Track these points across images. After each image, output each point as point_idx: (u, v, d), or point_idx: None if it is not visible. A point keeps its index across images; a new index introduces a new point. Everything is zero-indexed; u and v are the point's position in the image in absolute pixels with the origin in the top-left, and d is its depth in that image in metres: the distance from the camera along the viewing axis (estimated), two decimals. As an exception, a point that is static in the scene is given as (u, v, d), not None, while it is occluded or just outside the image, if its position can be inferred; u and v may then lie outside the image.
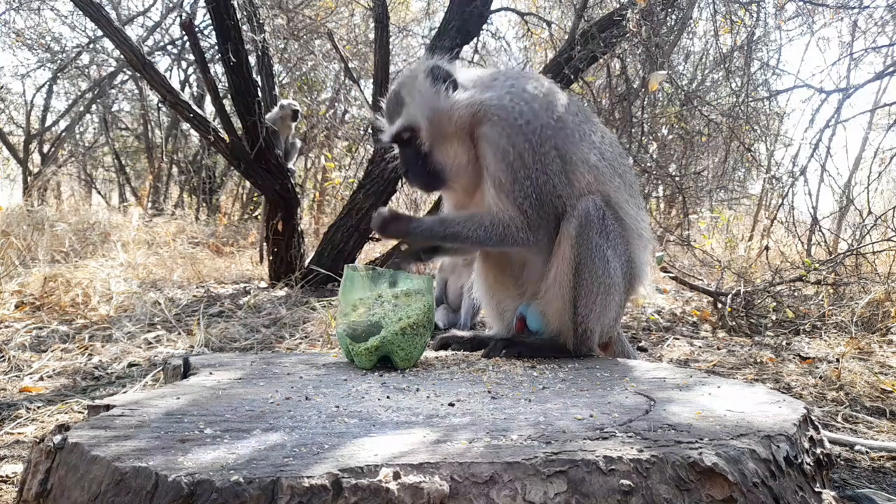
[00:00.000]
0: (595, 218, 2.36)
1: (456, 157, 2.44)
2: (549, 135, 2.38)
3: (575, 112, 2.55)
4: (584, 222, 2.35)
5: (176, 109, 6.29)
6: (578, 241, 2.35)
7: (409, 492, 1.18)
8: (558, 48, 6.58)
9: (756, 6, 6.27)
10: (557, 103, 2.49)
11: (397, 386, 1.93)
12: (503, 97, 2.39)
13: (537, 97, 2.44)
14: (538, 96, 2.44)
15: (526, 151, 2.33)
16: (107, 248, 7.29)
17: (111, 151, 13.52)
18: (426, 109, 2.39)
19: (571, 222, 2.37)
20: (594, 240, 2.36)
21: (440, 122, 2.40)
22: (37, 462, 1.35)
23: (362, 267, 2.33)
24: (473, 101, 2.38)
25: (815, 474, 1.54)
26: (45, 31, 11.55)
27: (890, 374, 3.69)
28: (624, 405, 1.71)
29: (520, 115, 2.36)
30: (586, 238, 2.35)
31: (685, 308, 5.82)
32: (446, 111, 2.39)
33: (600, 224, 2.37)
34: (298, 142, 7.99)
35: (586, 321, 2.41)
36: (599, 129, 2.62)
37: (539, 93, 2.46)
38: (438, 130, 2.41)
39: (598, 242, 2.37)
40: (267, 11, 7.62)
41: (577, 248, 2.35)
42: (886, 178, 9.67)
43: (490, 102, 2.37)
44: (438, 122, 2.40)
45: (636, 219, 2.55)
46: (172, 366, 2.18)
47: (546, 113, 2.41)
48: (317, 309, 4.93)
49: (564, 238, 2.39)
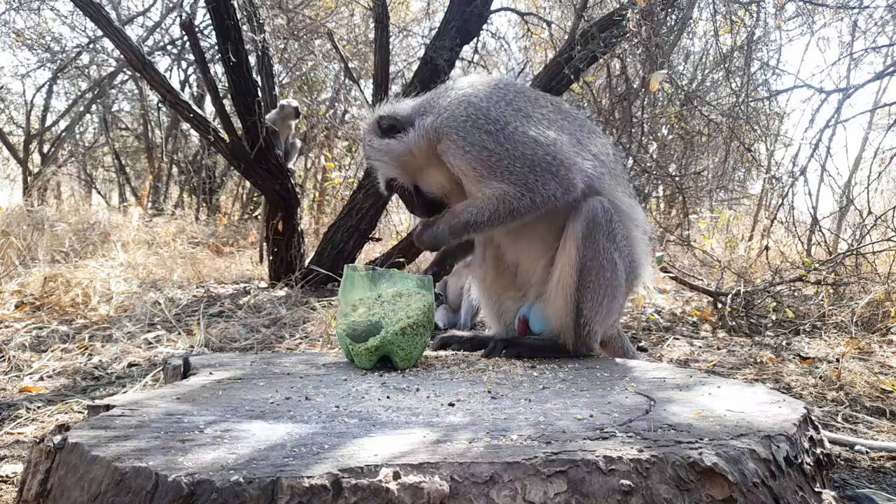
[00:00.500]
0: (603, 220, 2.36)
1: (437, 181, 2.58)
2: (505, 118, 2.40)
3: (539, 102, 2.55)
4: (591, 224, 2.35)
5: (176, 109, 6.30)
6: (585, 243, 2.35)
7: (409, 492, 1.18)
8: (558, 48, 6.58)
9: (756, 6, 6.27)
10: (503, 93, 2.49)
11: (397, 386, 1.93)
12: (442, 111, 2.46)
13: (476, 94, 2.47)
14: (477, 94, 2.48)
15: (486, 140, 2.37)
16: (107, 248, 7.29)
17: (111, 151, 13.52)
18: (391, 160, 2.56)
19: (578, 223, 2.36)
20: (601, 243, 2.36)
21: (407, 162, 2.55)
22: (37, 462, 1.35)
23: (362, 267, 2.33)
24: (421, 130, 2.49)
25: (815, 474, 1.54)
26: (45, 31, 11.55)
27: (890, 374, 3.69)
28: (624, 405, 1.71)
29: (466, 118, 2.40)
30: (593, 241, 2.35)
31: (685, 308, 5.82)
32: (406, 152, 2.52)
33: (608, 227, 2.37)
34: (298, 142, 7.99)
35: (591, 323, 2.41)
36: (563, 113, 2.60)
37: (477, 91, 2.50)
38: (411, 169, 2.57)
39: (606, 245, 2.36)
40: (267, 11, 7.62)
41: (584, 250, 2.35)
42: (886, 178, 9.67)
43: (435, 123, 2.45)
44: (406, 163, 2.56)
45: (631, 206, 2.56)
46: (172, 366, 2.18)
47: (490, 102, 2.44)
48: (317, 309, 4.93)
49: (570, 239, 2.38)
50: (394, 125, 2.54)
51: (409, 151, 2.51)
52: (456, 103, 2.46)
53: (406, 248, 6.09)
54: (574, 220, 2.39)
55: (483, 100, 2.45)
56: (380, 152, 2.57)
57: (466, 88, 2.52)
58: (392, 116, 2.56)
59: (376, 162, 2.63)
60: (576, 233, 2.37)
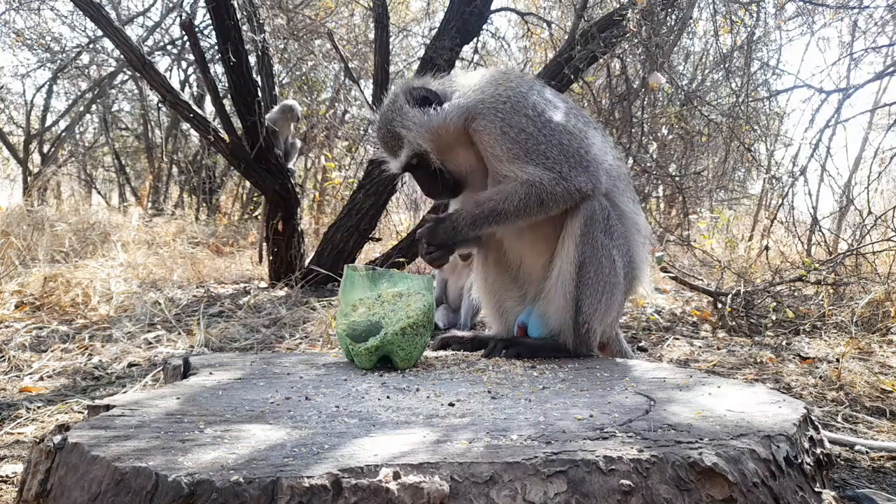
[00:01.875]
0: (600, 217, 2.37)
1: (465, 160, 2.50)
2: (542, 105, 2.43)
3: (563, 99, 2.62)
4: (588, 221, 2.36)
5: (176, 109, 6.30)
6: (583, 240, 2.36)
7: (409, 492, 1.18)
8: (558, 48, 6.58)
9: (756, 6, 6.27)
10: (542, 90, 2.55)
11: (397, 386, 1.93)
12: (478, 91, 2.45)
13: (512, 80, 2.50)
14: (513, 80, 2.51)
15: (525, 123, 2.37)
16: (107, 248, 7.29)
17: (111, 151, 13.51)
18: (425, 132, 2.43)
19: (576, 220, 2.38)
20: (599, 239, 2.36)
21: (440, 137, 2.44)
22: (37, 462, 1.35)
23: (362, 267, 2.33)
24: (461, 105, 2.43)
25: (815, 474, 1.54)
26: (45, 31, 11.55)
27: (890, 374, 3.69)
28: (624, 405, 1.71)
29: (507, 100, 2.40)
30: (591, 237, 2.36)
31: (685, 308, 5.82)
32: (442, 125, 2.43)
33: (605, 223, 2.38)
34: (298, 142, 7.99)
35: (590, 321, 2.41)
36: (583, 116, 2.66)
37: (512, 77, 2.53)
38: (442, 145, 2.46)
39: (604, 242, 2.37)
40: (267, 11, 7.62)
41: (582, 246, 2.35)
42: (886, 178, 9.66)
43: (471, 102, 2.43)
44: (439, 138, 2.44)
45: (634, 212, 2.58)
46: (172, 366, 2.18)
47: (526, 88, 2.47)
48: (317, 309, 4.93)
49: (569, 236, 2.39)
50: (427, 98, 2.46)
51: (444, 126, 2.42)
52: (494, 85, 2.44)
53: (406, 248, 6.09)
54: (572, 217, 2.40)
55: (520, 85, 2.47)
56: (413, 122, 2.43)
57: (500, 74, 2.52)
58: (426, 88, 2.49)
59: (405, 132, 2.44)
60: (574, 230, 2.38)
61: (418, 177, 2.56)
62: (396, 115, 2.47)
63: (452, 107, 2.43)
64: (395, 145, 2.51)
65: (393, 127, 2.48)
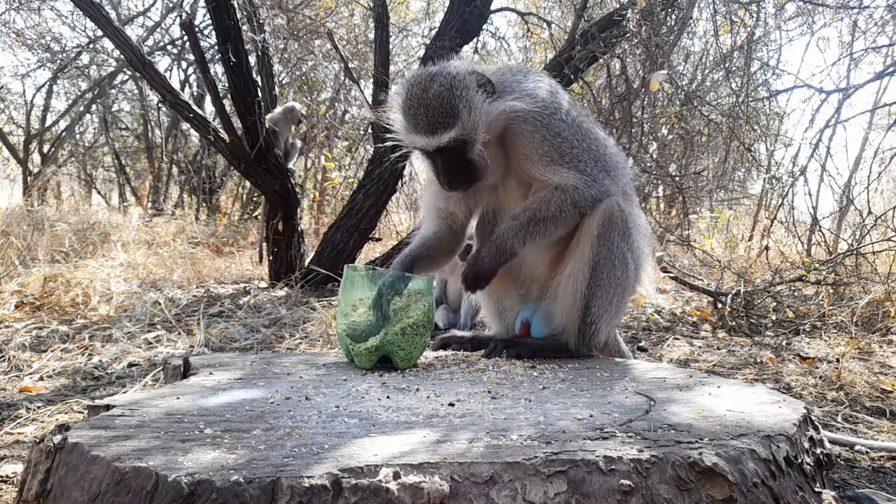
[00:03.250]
0: (619, 219, 2.38)
1: (492, 157, 2.41)
2: (574, 114, 2.49)
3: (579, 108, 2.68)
4: (607, 223, 2.36)
5: (176, 109, 6.30)
6: (600, 241, 2.36)
7: (409, 492, 1.18)
8: (558, 48, 6.58)
9: (756, 6, 6.27)
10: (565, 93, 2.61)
11: (397, 386, 1.93)
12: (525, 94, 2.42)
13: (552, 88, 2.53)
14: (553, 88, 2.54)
15: (563, 129, 2.40)
16: (107, 248, 7.29)
17: (111, 151, 13.51)
18: (485, 119, 2.32)
19: (594, 220, 2.38)
20: (616, 241, 2.37)
21: (489, 129, 2.36)
22: (37, 462, 1.35)
23: (362, 267, 2.33)
24: (506, 106, 2.36)
25: (815, 474, 1.54)
26: (45, 31, 11.55)
27: (890, 374, 3.69)
28: (624, 405, 1.71)
29: (547, 105, 2.42)
30: (608, 239, 2.36)
31: (685, 308, 5.82)
32: (493, 118, 2.35)
33: (623, 226, 2.39)
34: (298, 142, 8.00)
35: (598, 321, 2.41)
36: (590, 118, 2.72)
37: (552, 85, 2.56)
38: (482, 136, 2.36)
39: (620, 244, 2.38)
40: (267, 11, 7.62)
41: (598, 247, 2.35)
42: (886, 178, 9.66)
43: (518, 103, 2.37)
44: (488, 129, 2.36)
45: (638, 214, 2.60)
46: (172, 366, 2.18)
47: (562, 98, 2.53)
48: (317, 309, 4.93)
49: (585, 236, 2.39)
50: (485, 87, 2.36)
51: (494, 121, 2.35)
52: (538, 90, 2.45)
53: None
54: (590, 217, 2.40)
55: (557, 94, 2.51)
56: (477, 106, 2.30)
57: (548, 81, 2.55)
58: (488, 78, 2.39)
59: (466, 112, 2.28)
60: (591, 230, 2.37)
61: (445, 161, 2.36)
62: (462, 91, 2.29)
63: (508, 105, 2.36)
64: (444, 122, 2.28)
65: (455, 102, 2.27)
